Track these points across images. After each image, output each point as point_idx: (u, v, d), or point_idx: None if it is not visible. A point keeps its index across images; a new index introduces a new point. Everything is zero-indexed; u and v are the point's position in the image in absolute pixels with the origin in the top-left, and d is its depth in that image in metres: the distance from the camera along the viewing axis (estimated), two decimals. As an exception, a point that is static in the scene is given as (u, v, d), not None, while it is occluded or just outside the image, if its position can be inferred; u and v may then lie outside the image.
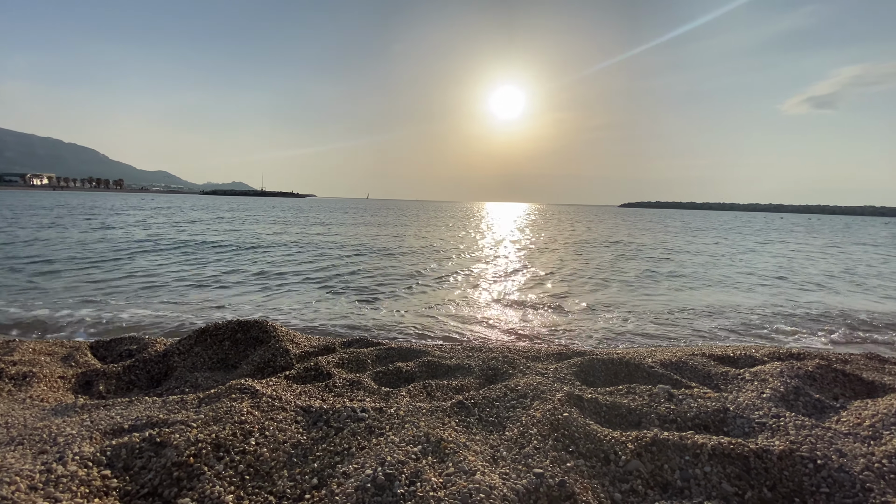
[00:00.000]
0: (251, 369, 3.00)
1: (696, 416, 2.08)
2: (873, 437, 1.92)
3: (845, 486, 1.59)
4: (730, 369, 2.91)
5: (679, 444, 1.76)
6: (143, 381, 3.09)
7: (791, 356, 3.37)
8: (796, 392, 2.38)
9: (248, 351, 3.29)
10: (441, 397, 2.36)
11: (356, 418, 1.91)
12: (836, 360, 3.31)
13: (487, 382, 2.73)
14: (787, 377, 2.54)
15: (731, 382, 2.69)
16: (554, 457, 1.70)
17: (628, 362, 2.91)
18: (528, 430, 1.91)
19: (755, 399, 2.25)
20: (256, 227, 19.58)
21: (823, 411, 2.28)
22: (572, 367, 2.91)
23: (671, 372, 2.85)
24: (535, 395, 2.32)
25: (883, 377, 2.96)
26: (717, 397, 2.28)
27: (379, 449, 1.68)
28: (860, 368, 3.18)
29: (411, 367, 2.83)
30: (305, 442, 1.78)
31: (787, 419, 2.01)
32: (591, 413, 2.15)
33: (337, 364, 2.87)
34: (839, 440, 1.85)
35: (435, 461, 1.62)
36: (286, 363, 2.97)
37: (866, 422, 2.08)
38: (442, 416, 2.02)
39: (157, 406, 2.28)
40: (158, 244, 12.16)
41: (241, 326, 3.43)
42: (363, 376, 2.57)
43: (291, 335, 3.48)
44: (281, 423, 1.89)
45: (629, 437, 1.81)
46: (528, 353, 3.56)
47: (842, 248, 18.96)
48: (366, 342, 3.49)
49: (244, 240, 14.09)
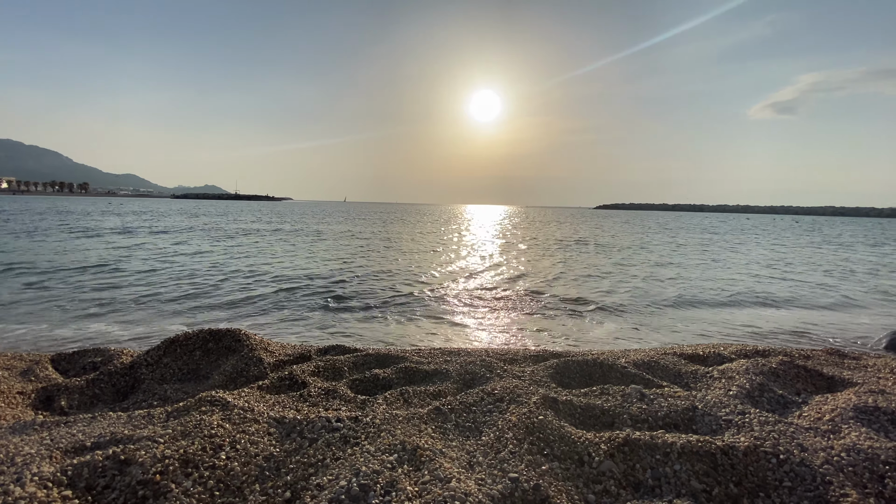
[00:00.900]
0: (223, 380, 2.92)
1: (667, 415, 2.13)
2: (832, 431, 2.01)
3: (806, 480, 1.65)
4: (699, 367, 3.00)
5: (650, 444, 1.80)
6: (108, 395, 2.97)
7: (757, 353, 3.50)
8: (761, 389, 2.47)
9: (221, 361, 3.20)
10: (418, 404, 2.35)
11: (331, 428, 1.89)
12: (799, 356, 3.45)
13: (465, 387, 2.73)
14: (752, 374, 2.63)
15: (700, 381, 2.77)
16: (529, 460, 1.72)
17: (602, 363, 2.97)
18: (504, 434, 1.92)
19: (722, 397, 2.33)
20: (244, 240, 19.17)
21: (786, 407, 2.37)
22: (548, 370, 2.94)
23: (643, 372, 2.91)
24: (511, 398, 2.34)
25: (842, 372, 3.10)
26: (687, 396, 2.34)
27: (354, 459, 1.66)
28: (821, 364, 3.32)
29: (388, 373, 2.81)
30: (278, 454, 1.74)
31: (752, 416, 2.08)
32: (566, 415, 2.18)
33: (312, 372, 2.82)
34: (800, 435, 1.93)
35: (411, 469, 1.61)
36: (260, 373, 2.91)
37: (826, 416, 2.18)
38: (419, 423, 2.01)
39: (122, 421, 2.19)
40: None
41: (213, 335, 3.34)
42: (339, 384, 2.54)
43: (265, 343, 3.41)
44: (253, 436, 1.85)
45: (602, 438, 1.84)
46: (505, 356, 3.58)
47: (819, 246, 19.82)
48: (343, 349, 3.45)
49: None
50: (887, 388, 2.64)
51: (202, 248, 12.96)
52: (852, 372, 3.14)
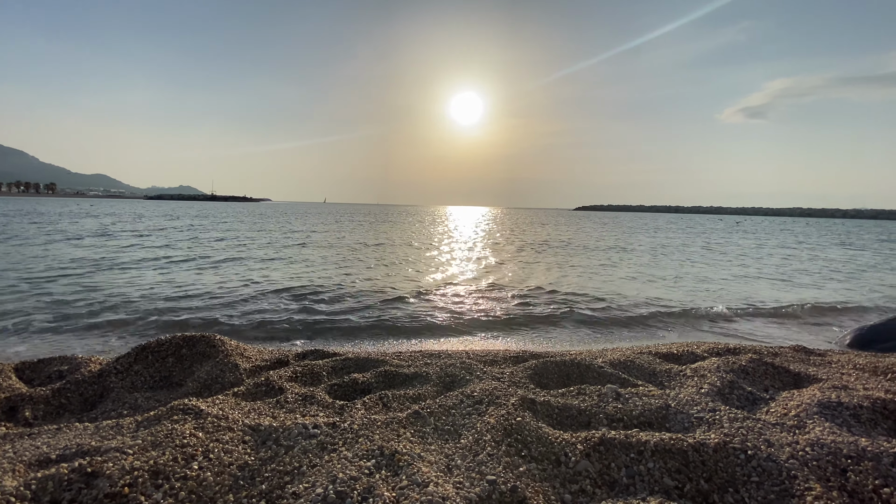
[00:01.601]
0: (197, 387, 2.85)
1: (641, 413, 2.18)
2: (798, 426, 2.08)
3: (773, 475, 1.71)
4: (673, 366, 3.08)
5: (625, 443, 1.84)
6: (75, 404, 2.86)
7: (728, 351, 3.61)
8: (731, 386, 2.55)
9: (195, 367, 3.12)
10: (397, 408, 2.34)
11: (308, 435, 1.86)
12: (767, 354, 3.57)
13: (445, 390, 2.73)
14: (723, 372, 2.71)
15: (674, 379, 2.84)
16: (507, 462, 1.73)
17: (580, 363, 3.01)
18: (483, 436, 1.93)
19: (694, 394, 2.39)
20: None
21: (755, 403, 2.45)
22: (527, 371, 2.97)
23: (619, 371, 2.97)
24: (490, 400, 2.35)
25: (808, 368, 3.23)
26: (661, 394, 2.40)
27: (331, 466, 1.64)
28: (788, 361, 3.44)
29: (368, 377, 2.79)
30: (253, 463, 1.71)
31: (723, 413, 2.15)
32: (544, 416, 2.21)
33: (290, 378, 2.78)
34: (768, 430, 2.00)
35: (389, 475, 1.61)
36: (235, 379, 2.85)
37: (792, 412, 2.26)
38: (397, 428, 2.00)
39: (90, 432, 2.12)
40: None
41: (187, 341, 3.25)
42: (317, 390, 2.51)
43: (242, 349, 3.34)
44: (227, 445, 1.81)
45: (579, 438, 1.87)
46: (486, 357, 3.60)
47: (790, 246, 20.52)
48: (321, 353, 3.41)
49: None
50: (849, 383, 2.76)
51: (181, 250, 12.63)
52: (817, 368, 3.27)
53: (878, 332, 5.32)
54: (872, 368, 3.30)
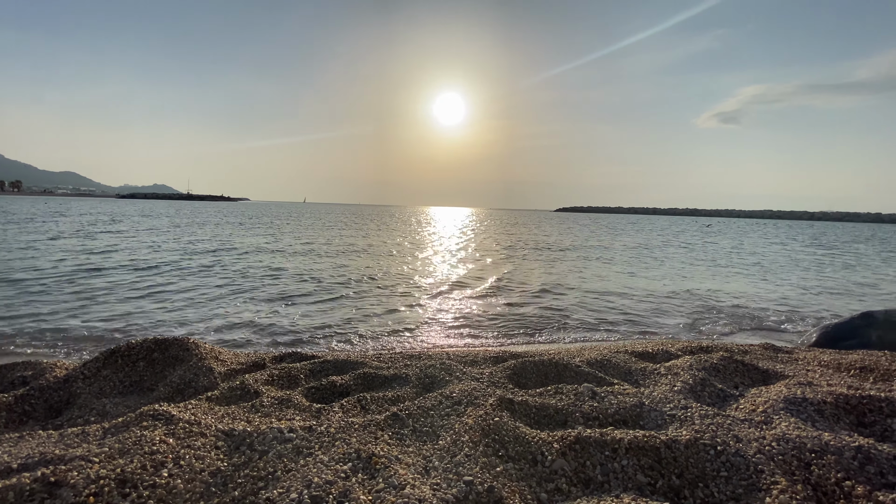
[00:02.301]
0: (169, 392, 2.77)
1: (616, 411, 2.22)
2: (765, 421, 2.15)
3: (741, 469, 1.76)
4: (648, 364, 3.14)
5: (600, 441, 1.87)
6: (39, 411, 2.75)
7: (701, 349, 3.71)
8: (703, 383, 2.62)
9: (167, 371, 3.04)
10: (376, 410, 2.32)
11: (283, 439, 1.83)
12: (738, 352, 3.68)
13: (424, 391, 2.73)
14: (695, 370, 2.78)
15: (648, 377, 2.90)
16: (484, 462, 1.74)
17: (557, 363, 3.05)
18: (461, 437, 1.94)
19: (667, 392, 2.45)
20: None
21: (725, 400, 2.52)
22: (506, 371, 2.99)
23: (596, 370, 3.02)
24: (469, 401, 2.35)
25: (776, 365, 3.34)
26: (635, 392, 2.45)
27: (306, 470, 1.62)
28: (757, 358, 3.56)
29: (346, 380, 2.77)
30: (226, 469, 1.67)
31: (694, 410, 2.20)
32: (522, 415, 2.22)
33: (266, 381, 2.73)
34: (736, 426, 2.06)
35: (365, 478, 1.59)
36: (210, 383, 2.78)
37: (760, 408, 2.33)
38: (375, 430, 1.99)
39: (53, 440, 2.04)
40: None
41: (159, 345, 3.16)
42: (294, 393, 2.47)
43: (216, 352, 3.27)
44: (199, 451, 1.76)
45: (555, 437, 1.89)
46: (465, 357, 3.60)
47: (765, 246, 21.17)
48: (299, 356, 3.36)
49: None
50: (814, 380, 2.87)
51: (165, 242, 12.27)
52: (785, 365, 3.39)
53: (843, 330, 5.54)
54: (836, 365, 3.43)
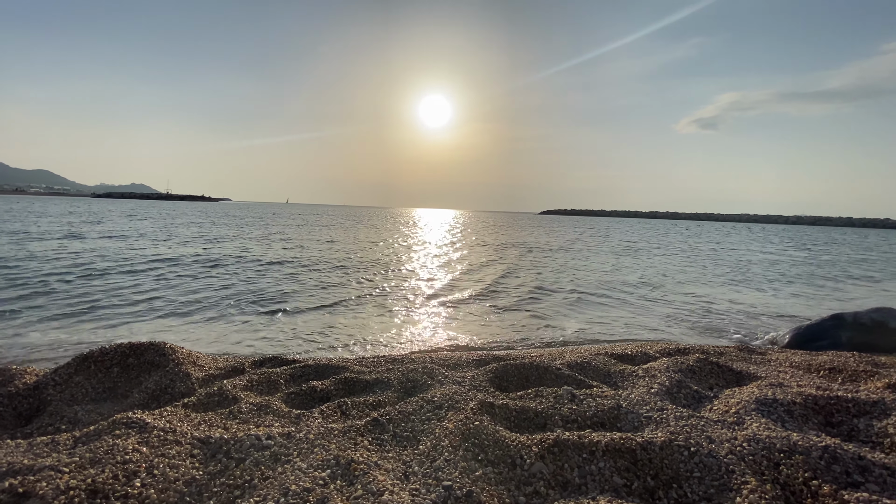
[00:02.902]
0: (144, 398, 2.71)
1: (595, 414, 2.25)
2: (737, 422, 2.21)
3: (713, 470, 1.81)
4: (627, 367, 3.20)
5: (578, 443, 1.89)
6: (8, 419, 2.66)
7: (678, 351, 3.79)
8: (679, 385, 2.68)
9: (142, 377, 2.97)
10: (356, 415, 2.31)
11: (261, 446, 1.81)
12: (713, 353, 3.77)
13: (406, 396, 2.73)
14: (671, 372, 2.85)
15: (627, 379, 2.95)
16: (463, 467, 1.75)
17: (538, 365, 3.08)
18: (441, 441, 1.94)
19: (644, 394, 2.50)
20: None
21: (700, 401, 2.58)
22: (488, 374, 3.01)
23: (576, 373, 3.06)
24: (450, 405, 2.36)
25: (749, 366, 3.43)
26: (613, 395, 2.49)
27: (284, 478, 1.60)
28: (732, 359, 3.65)
29: (327, 385, 2.74)
30: (201, 477, 1.65)
31: (670, 411, 2.25)
32: (502, 419, 2.24)
33: (245, 387, 2.69)
34: (710, 428, 2.11)
35: (344, 484, 1.59)
36: (187, 389, 2.73)
37: (732, 409, 2.40)
38: (355, 436, 1.98)
39: (22, 450, 1.97)
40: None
41: (134, 350, 3.09)
42: (273, 399, 2.44)
43: (194, 357, 3.20)
44: (173, 459, 1.73)
45: (534, 441, 1.91)
46: (448, 361, 3.61)
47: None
48: (280, 361, 3.32)
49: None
50: (785, 381, 2.96)
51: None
52: (758, 366, 3.48)
53: (814, 331, 5.73)
54: (807, 366, 3.55)
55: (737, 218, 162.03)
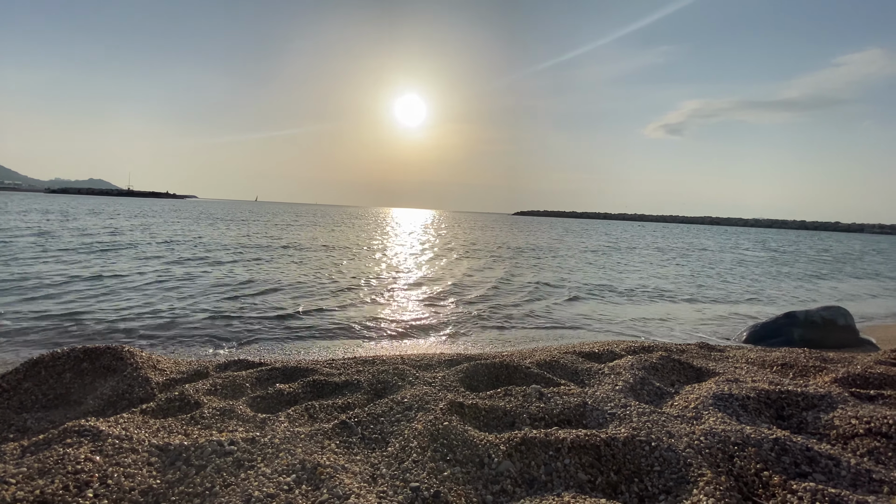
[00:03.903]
0: (100, 405, 2.59)
1: (562, 412, 2.30)
2: (696, 417, 2.31)
3: (672, 463, 1.88)
4: (594, 365, 3.28)
5: (544, 441, 1.93)
6: (-53, 430, 2.49)
7: (643, 349, 3.91)
8: (642, 382, 2.77)
9: (98, 383, 2.84)
10: (324, 418, 2.28)
11: (223, 452, 1.76)
12: (675, 351, 3.92)
13: (376, 397, 2.71)
14: (635, 369, 2.94)
15: (593, 377, 3.03)
16: (432, 468, 1.75)
17: (508, 365, 3.12)
18: (410, 443, 1.94)
19: (609, 391, 2.57)
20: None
21: (662, 397, 2.68)
22: (458, 374, 3.02)
23: (545, 371, 3.11)
24: (419, 406, 2.36)
25: (708, 363, 3.57)
26: (579, 392, 2.55)
27: (247, 484, 1.57)
28: (693, 357, 3.80)
29: (295, 388, 2.69)
30: (158, 486, 1.59)
31: (633, 408, 2.32)
32: (472, 419, 2.26)
33: (208, 391, 2.61)
34: (670, 423, 2.19)
35: (309, 489, 1.56)
36: (146, 394, 2.63)
37: (692, 404, 2.49)
38: (322, 440, 1.95)
39: (-37, 462, 1.85)
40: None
41: (88, 354, 2.95)
42: (238, 403, 2.38)
43: (154, 361, 3.09)
44: (129, 468, 1.66)
45: (502, 439, 1.94)
46: (420, 362, 3.61)
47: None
48: (246, 363, 3.23)
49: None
50: (741, 376, 3.10)
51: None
52: (716, 363, 3.63)
53: (770, 328, 6.03)
54: (761, 362, 3.72)
55: (700, 220, 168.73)
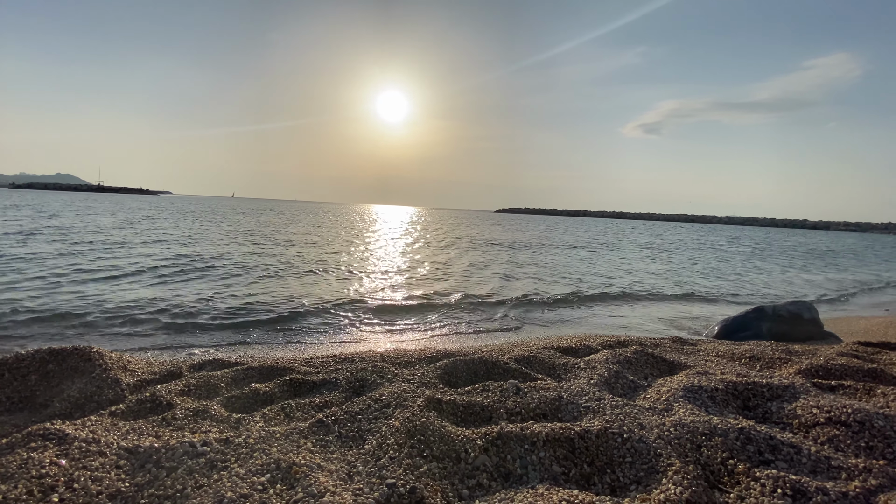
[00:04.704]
0: (67, 407, 2.51)
1: (538, 406, 2.34)
2: (666, 409, 2.37)
3: (643, 454, 1.93)
4: (570, 359, 3.34)
5: (520, 435, 1.96)
6: None
7: (618, 344, 4.00)
8: (616, 376, 2.83)
9: (65, 385, 2.75)
10: (301, 417, 2.26)
11: (195, 453, 1.73)
12: (650, 345, 4.02)
13: (354, 395, 2.69)
14: (610, 363, 3.00)
15: (570, 371, 3.08)
16: (408, 464, 1.76)
17: (487, 360, 3.15)
18: (387, 440, 1.94)
19: (584, 385, 2.62)
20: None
21: (635, 391, 2.75)
22: (437, 370, 3.04)
23: (523, 366, 3.16)
24: (398, 403, 2.36)
25: (681, 357, 3.68)
26: (555, 387, 2.59)
27: (220, 485, 1.54)
28: (666, 350, 3.90)
29: (271, 387, 2.66)
30: (127, 489, 1.55)
31: (606, 401, 2.38)
32: (449, 414, 2.27)
33: (181, 391, 2.55)
34: (642, 415, 2.25)
35: (284, 488, 1.55)
36: (115, 396, 2.55)
37: (663, 396, 2.57)
38: (298, 439, 1.94)
39: (-81, 470, 1.78)
40: None
41: (54, 355, 2.85)
42: (212, 403, 2.34)
43: (125, 361, 3.00)
44: (96, 472, 1.62)
45: (478, 434, 1.96)
46: (400, 359, 3.60)
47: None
48: (221, 363, 3.17)
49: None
50: (711, 369, 3.20)
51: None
52: (688, 356, 3.74)
53: (739, 323, 6.23)
54: (730, 355, 3.85)
55: (676, 218, 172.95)
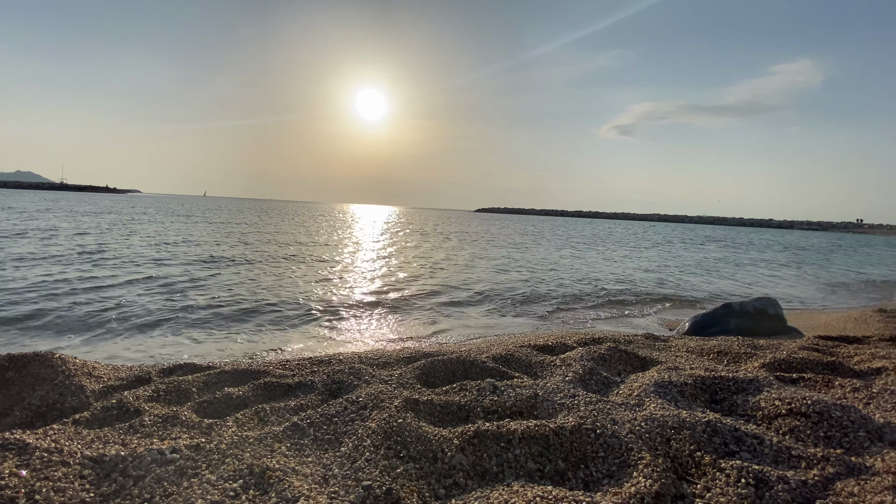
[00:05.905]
0: (28, 416, 2.40)
1: (514, 404, 2.37)
2: (638, 404, 2.44)
3: (615, 449, 1.98)
4: (547, 357, 3.39)
5: (496, 433, 1.98)
6: None
7: (593, 341, 4.08)
8: (591, 373, 2.89)
9: (25, 393, 2.63)
10: (275, 421, 2.22)
11: (164, 461, 1.68)
12: (623, 342, 4.11)
13: (331, 398, 2.67)
14: (585, 360, 3.07)
15: (546, 369, 3.13)
16: (384, 465, 1.76)
17: (465, 360, 3.17)
18: (363, 442, 1.94)
19: (560, 382, 2.67)
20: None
21: (609, 387, 2.81)
22: (415, 371, 3.04)
23: (500, 365, 3.19)
24: (374, 404, 2.36)
25: (653, 353, 3.78)
26: (531, 384, 2.63)
27: (190, 493, 1.51)
28: (639, 347, 4.00)
29: (244, 391, 2.61)
30: (92, 500, 1.49)
31: (581, 397, 2.43)
32: (426, 414, 2.28)
33: (150, 398, 2.48)
34: (615, 411, 2.31)
35: (257, 494, 1.52)
36: (80, 403, 2.46)
37: (635, 392, 2.63)
38: (272, 443, 1.91)
39: None
40: None
41: (14, 362, 2.72)
42: (183, 409, 2.27)
43: (90, 367, 2.89)
44: (59, 482, 1.56)
45: (455, 433, 1.97)
46: (377, 360, 3.58)
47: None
48: (192, 367, 3.09)
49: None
50: (681, 364, 3.30)
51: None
52: (660, 352, 3.85)
53: (709, 319, 6.45)
54: (700, 350, 3.98)
55: (649, 217, 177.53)
